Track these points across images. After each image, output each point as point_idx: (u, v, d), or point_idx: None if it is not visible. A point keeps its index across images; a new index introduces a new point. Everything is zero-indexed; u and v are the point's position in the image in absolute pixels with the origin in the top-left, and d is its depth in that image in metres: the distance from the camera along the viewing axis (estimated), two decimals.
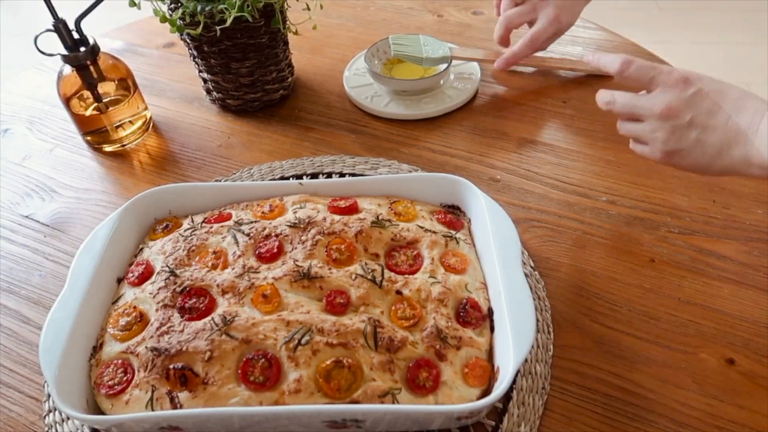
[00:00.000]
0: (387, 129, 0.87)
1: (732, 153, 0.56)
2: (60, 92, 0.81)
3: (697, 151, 0.58)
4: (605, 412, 0.54)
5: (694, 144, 0.58)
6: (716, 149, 0.57)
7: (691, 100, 0.57)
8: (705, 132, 0.57)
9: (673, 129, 0.58)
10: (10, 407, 0.58)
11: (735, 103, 0.56)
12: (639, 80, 0.60)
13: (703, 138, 0.57)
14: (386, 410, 0.48)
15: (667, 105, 0.57)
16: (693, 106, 0.57)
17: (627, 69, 0.60)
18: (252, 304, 0.54)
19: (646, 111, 0.59)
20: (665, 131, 0.59)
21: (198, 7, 0.77)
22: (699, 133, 0.57)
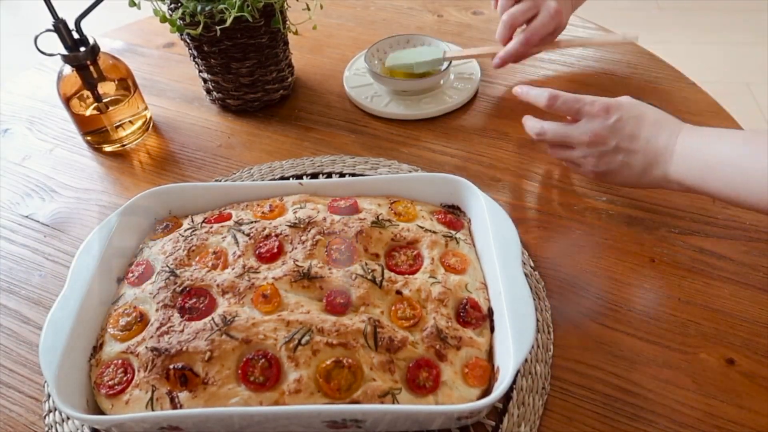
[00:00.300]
0: (387, 129, 0.87)
1: (654, 172, 0.62)
2: (60, 92, 0.81)
3: (625, 172, 0.64)
4: (605, 412, 0.54)
5: (621, 165, 0.64)
6: (640, 169, 0.63)
7: (614, 127, 0.63)
8: (629, 155, 0.63)
9: (601, 154, 0.64)
10: (10, 407, 0.58)
11: (652, 127, 0.62)
12: (566, 112, 0.67)
13: (627, 160, 0.63)
14: (386, 410, 0.48)
15: (594, 133, 0.64)
16: (616, 132, 0.63)
17: (554, 103, 0.67)
18: (252, 304, 0.54)
19: (576, 140, 0.66)
20: (594, 157, 0.65)
21: (198, 7, 0.77)
22: (624, 156, 0.63)
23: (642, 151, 0.62)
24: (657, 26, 2.43)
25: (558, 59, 0.98)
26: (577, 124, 0.66)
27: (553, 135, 0.68)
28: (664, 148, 0.61)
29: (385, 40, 0.93)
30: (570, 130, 0.66)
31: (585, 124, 0.65)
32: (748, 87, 2.17)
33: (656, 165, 0.62)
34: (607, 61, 0.96)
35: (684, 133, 0.61)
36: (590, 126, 0.64)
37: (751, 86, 2.17)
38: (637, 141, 0.62)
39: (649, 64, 0.95)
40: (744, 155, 0.57)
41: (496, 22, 0.95)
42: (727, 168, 0.58)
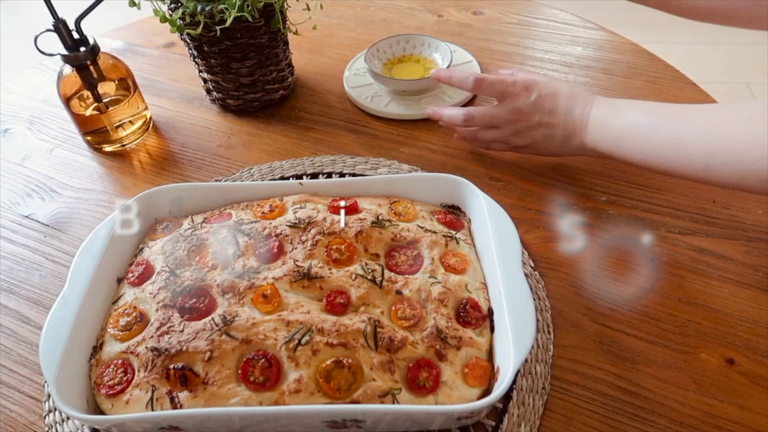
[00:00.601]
0: (387, 129, 0.87)
1: (572, 142, 0.69)
2: (60, 92, 0.81)
3: (547, 143, 0.72)
4: (605, 412, 0.54)
5: (543, 138, 0.71)
6: (560, 140, 0.70)
7: (534, 104, 0.70)
8: (550, 128, 0.70)
9: (525, 129, 0.71)
10: (10, 407, 0.58)
11: (568, 101, 0.69)
12: (492, 94, 0.73)
13: (549, 133, 0.70)
14: (386, 410, 0.48)
15: (518, 111, 0.71)
16: (537, 108, 0.70)
17: (480, 86, 0.73)
18: (252, 304, 0.54)
19: (501, 119, 0.72)
20: (519, 133, 0.72)
21: (198, 7, 0.77)
22: (545, 129, 0.70)
23: (561, 124, 0.69)
24: (657, 26, 2.43)
25: (558, 59, 0.98)
26: (501, 105, 0.72)
27: (482, 117, 0.74)
28: (579, 120, 0.68)
29: (384, 40, 0.93)
30: (495, 110, 0.72)
31: (509, 103, 0.71)
32: (748, 87, 2.17)
33: (574, 135, 0.69)
34: (607, 61, 0.96)
35: (596, 104, 0.68)
36: (514, 104, 0.70)
37: (751, 86, 2.17)
38: (556, 115, 0.69)
39: (649, 64, 0.95)
40: (649, 125, 0.62)
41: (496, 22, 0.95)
42: (635, 136, 0.63)
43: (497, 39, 1.04)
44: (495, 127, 0.74)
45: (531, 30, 1.06)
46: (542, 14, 1.11)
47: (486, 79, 0.72)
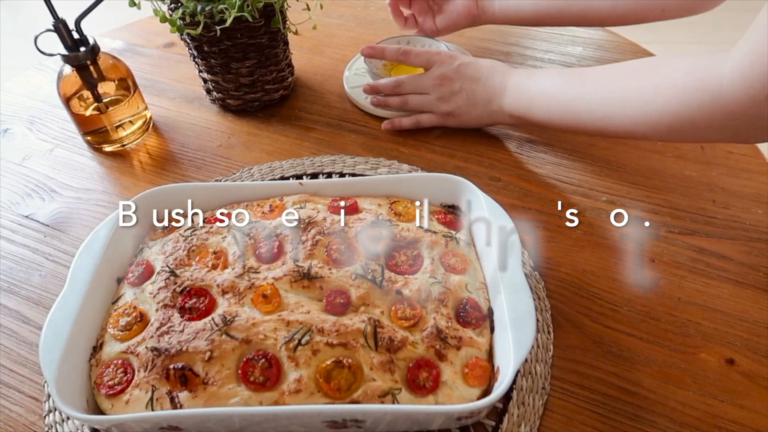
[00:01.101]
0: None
1: (492, 107, 0.77)
2: (60, 92, 0.81)
3: (469, 108, 0.78)
4: (605, 412, 0.54)
5: (465, 103, 0.78)
6: (482, 105, 0.77)
7: (457, 70, 0.78)
8: (471, 94, 0.77)
9: (449, 94, 0.79)
10: (10, 407, 0.58)
11: (488, 70, 0.77)
12: (420, 64, 0.81)
13: (471, 97, 0.78)
14: (386, 410, 0.48)
15: (443, 76, 0.79)
16: (460, 74, 0.78)
17: (408, 57, 0.81)
18: (252, 304, 0.54)
19: (428, 84, 0.80)
20: (443, 97, 0.79)
21: (198, 7, 0.77)
22: (467, 95, 0.78)
23: (482, 90, 0.77)
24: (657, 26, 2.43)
25: (558, 59, 0.98)
26: (429, 72, 0.80)
27: (410, 83, 0.81)
28: (499, 86, 0.75)
29: (385, 40, 0.93)
30: (423, 76, 0.81)
31: (435, 69, 0.79)
32: None
33: (493, 100, 0.76)
34: (607, 61, 0.96)
35: (514, 72, 0.76)
36: (439, 71, 0.79)
37: None
38: (477, 82, 0.77)
39: None
40: (557, 86, 0.70)
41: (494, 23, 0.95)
42: (545, 96, 0.71)
43: (497, 39, 1.04)
44: (423, 93, 0.81)
45: (531, 30, 1.06)
46: None
47: (412, 50, 0.81)
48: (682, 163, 0.77)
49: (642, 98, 0.61)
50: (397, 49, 0.81)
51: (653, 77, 0.60)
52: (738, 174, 0.75)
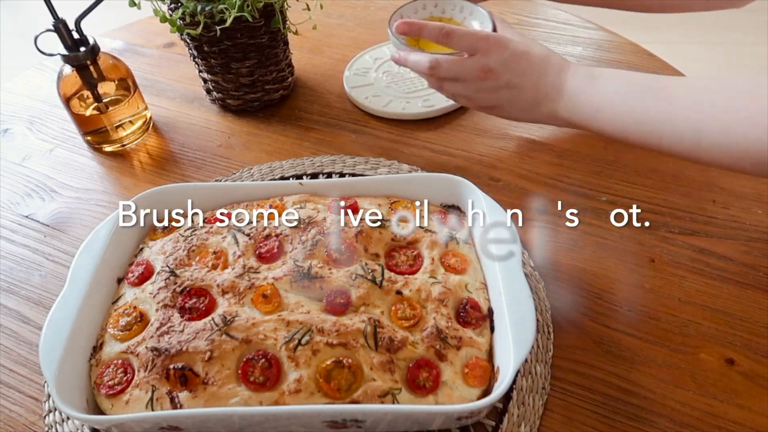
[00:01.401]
0: (387, 129, 0.87)
1: (541, 109, 0.66)
2: (60, 92, 0.81)
3: (512, 107, 0.68)
4: (605, 412, 0.54)
5: (510, 100, 0.67)
6: (527, 105, 0.67)
7: (506, 63, 0.64)
8: (519, 91, 0.66)
9: (493, 89, 0.66)
10: (10, 407, 0.58)
11: (541, 64, 0.65)
12: (463, 48, 0.66)
13: (516, 96, 0.66)
14: (386, 410, 0.48)
15: (488, 68, 0.65)
16: (508, 68, 0.64)
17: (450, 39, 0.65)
18: (252, 304, 0.54)
19: (469, 74, 0.66)
20: (485, 91, 0.67)
21: (198, 7, 0.77)
22: (514, 91, 0.66)
23: (531, 88, 0.65)
24: (657, 26, 2.43)
25: None
26: (472, 59, 0.65)
27: (448, 68, 0.66)
28: (552, 86, 0.64)
29: (408, 4, 0.77)
30: (464, 63, 0.66)
31: (480, 59, 0.65)
32: None
33: (545, 102, 0.65)
34: (607, 62, 0.96)
35: (572, 70, 0.64)
36: (485, 60, 0.64)
37: None
38: (527, 77, 0.65)
39: (649, 64, 0.95)
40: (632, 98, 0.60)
41: None
42: (617, 109, 0.61)
43: None
44: (461, 80, 0.68)
45: (531, 30, 1.06)
46: (542, 14, 1.11)
47: (456, 31, 0.65)
48: (682, 163, 0.77)
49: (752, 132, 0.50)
50: (439, 28, 0.65)
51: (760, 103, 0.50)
52: (738, 174, 0.75)
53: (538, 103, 0.66)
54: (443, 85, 0.70)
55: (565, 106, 0.64)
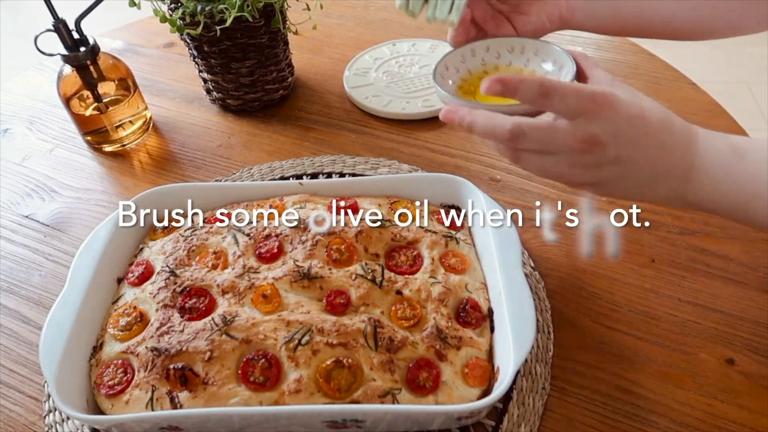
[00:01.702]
0: (387, 129, 0.87)
1: (658, 189, 0.49)
2: (60, 92, 0.81)
3: (618, 186, 0.49)
4: (605, 412, 0.54)
5: (615, 178, 0.48)
6: (641, 184, 0.49)
7: (617, 131, 0.46)
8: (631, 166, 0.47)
9: (596, 163, 0.47)
10: (10, 407, 0.58)
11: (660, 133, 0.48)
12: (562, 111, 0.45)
13: (627, 172, 0.48)
14: (386, 410, 0.48)
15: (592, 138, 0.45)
16: (619, 138, 0.46)
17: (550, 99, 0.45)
18: (252, 304, 0.54)
19: (565, 145, 0.46)
20: (584, 166, 0.47)
21: (198, 7, 0.77)
22: (623, 167, 0.47)
23: (648, 163, 0.47)
24: None
25: None
26: (571, 125, 0.45)
27: (536, 138, 0.46)
28: (678, 161, 0.48)
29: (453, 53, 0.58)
30: (561, 132, 0.46)
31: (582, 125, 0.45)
32: (748, 87, 2.17)
33: (665, 180, 0.48)
34: (607, 62, 0.96)
35: (705, 142, 0.49)
36: (589, 128, 0.45)
37: (751, 86, 2.17)
38: (643, 149, 0.47)
39: (649, 64, 0.95)
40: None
41: None
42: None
43: None
44: (551, 153, 0.47)
45: None
46: None
47: (557, 89, 0.44)
48: None
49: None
50: (538, 86, 0.44)
51: None
52: None
53: (655, 182, 0.49)
54: (521, 156, 0.49)
55: (698, 188, 0.48)
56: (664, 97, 0.87)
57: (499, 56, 0.59)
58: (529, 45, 0.57)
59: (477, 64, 0.59)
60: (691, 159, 0.48)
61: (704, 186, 0.48)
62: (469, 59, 0.59)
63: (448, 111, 0.49)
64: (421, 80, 0.93)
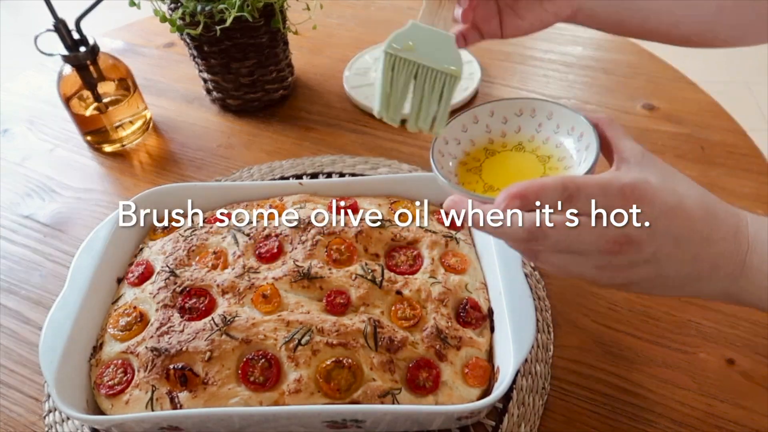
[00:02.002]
0: (387, 129, 0.87)
1: (702, 287, 0.43)
2: (60, 92, 0.81)
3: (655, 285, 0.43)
4: (605, 412, 0.54)
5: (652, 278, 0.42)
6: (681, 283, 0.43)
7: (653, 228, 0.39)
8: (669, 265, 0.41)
9: (630, 264, 0.40)
10: (10, 407, 0.58)
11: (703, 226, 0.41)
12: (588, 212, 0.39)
13: (665, 271, 0.41)
14: (386, 410, 0.48)
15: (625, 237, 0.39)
16: (656, 236, 0.40)
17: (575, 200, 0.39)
18: (252, 304, 0.54)
19: (594, 246, 0.39)
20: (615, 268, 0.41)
21: (198, 7, 0.77)
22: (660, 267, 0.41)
23: (690, 260, 0.41)
24: None
25: (558, 59, 0.98)
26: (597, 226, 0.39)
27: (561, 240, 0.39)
28: (726, 257, 0.42)
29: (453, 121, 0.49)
30: (588, 233, 0.39)
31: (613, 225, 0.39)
32: (748, 87, 2.17)
33: (710, 278, 0.42)
34: (607, 61, 0.96)
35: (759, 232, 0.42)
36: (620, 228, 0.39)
37: (751, 86, 2.17)
38: (684, 246, 0.40)
39: (649, 64, 0.95)
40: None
41: None
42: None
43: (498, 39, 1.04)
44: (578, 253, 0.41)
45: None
46: None
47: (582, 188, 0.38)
48: (682, 163, 0.77)
49: None
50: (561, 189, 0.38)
51: None
52: (738, 174, 0.75)
53: (698, 280, 0.42)
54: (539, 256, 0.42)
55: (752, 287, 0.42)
56: (664, 97, 0.88)
57: (506, 121, 0.50)
58: (540, 107, 0.48)
59: (481, 132, 0.50)
60: (743, 254, 0.42)
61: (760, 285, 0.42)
62: (471, 127, 0.50)
63: (453, 204, 0.42)
64: None
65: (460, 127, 0.50)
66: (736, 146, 0.79)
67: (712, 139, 0.79)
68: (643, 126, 0.83)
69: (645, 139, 0.81)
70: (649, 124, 0.83)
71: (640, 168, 0.41)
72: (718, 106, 0.85)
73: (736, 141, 0.79)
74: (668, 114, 0.85)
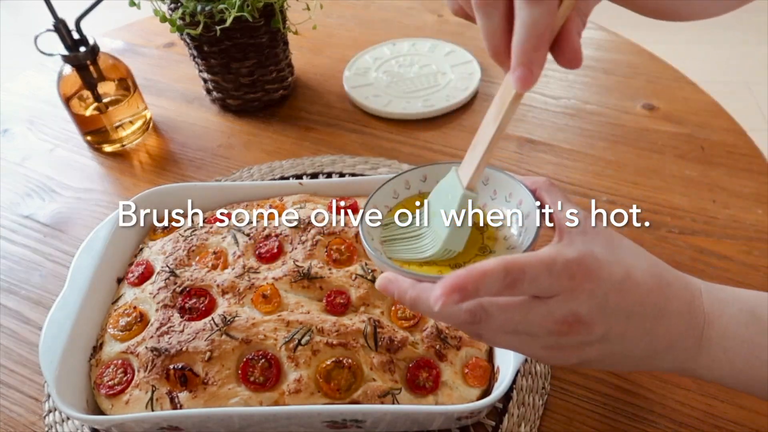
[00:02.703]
0: (387, 129, 0.87)
1: (656, 363, 0.41)
2: (60, 92, 0.81)
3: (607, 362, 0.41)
4: (605, 412, 0.54)
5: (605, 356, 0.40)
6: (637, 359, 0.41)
7: (604, 306, 0.37)
8: (622, 343, 0.39)
9: (579, 344, 0.38)
10: (10, 407, 0.58)
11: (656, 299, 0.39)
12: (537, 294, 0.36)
13: (617, 350, 0.39)
14: (386, 410, 0.48)
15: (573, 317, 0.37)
16: (606, 314, 0.37)
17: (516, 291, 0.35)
18: (252, 305, 0.54)
19: (541, 327, 0.37)
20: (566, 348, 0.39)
21: (198, 7, 0.77)
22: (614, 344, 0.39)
23: (643, 336, 0.39)
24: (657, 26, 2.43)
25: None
26: (548, 303, 0.36)
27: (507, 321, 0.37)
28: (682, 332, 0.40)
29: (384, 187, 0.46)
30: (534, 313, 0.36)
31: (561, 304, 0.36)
32: (748, 87, 2.17)
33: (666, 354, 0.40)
34: (607, 61, 0.96)
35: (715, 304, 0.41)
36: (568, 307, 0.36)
37: (751, 86, 2.17)
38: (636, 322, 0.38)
39: (649, 64, 0.95)
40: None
41: None
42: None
43: None
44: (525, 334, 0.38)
45: None
46: None
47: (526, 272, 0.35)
48: (682, 163, 0.77)
49: None
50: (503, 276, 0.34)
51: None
52: (738, 174, 0.75)
53: (654, 356, 0.40)
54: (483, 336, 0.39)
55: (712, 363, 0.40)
56: (664, 97, 0.88)
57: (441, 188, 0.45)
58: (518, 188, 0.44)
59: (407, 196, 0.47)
60: (699, 329, 0.40)
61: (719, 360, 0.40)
62: (402, 194, 0.47)
63: (386, 282, 0.38)
64: (421, 80, 0.93)
65: (391, 193, 0.47)
66: (736, 146, 0.79)
67: (712, 139, 0.79)
68: (643, 126, 0.83)
69: (645, 139, 0.81)
70: (649, 124, 0.83)
71: (584, 239, 0.38)
72: (718, 106, 0.85)
73: (736, 141, 0.79)
74: (668, 114, 0.85)
